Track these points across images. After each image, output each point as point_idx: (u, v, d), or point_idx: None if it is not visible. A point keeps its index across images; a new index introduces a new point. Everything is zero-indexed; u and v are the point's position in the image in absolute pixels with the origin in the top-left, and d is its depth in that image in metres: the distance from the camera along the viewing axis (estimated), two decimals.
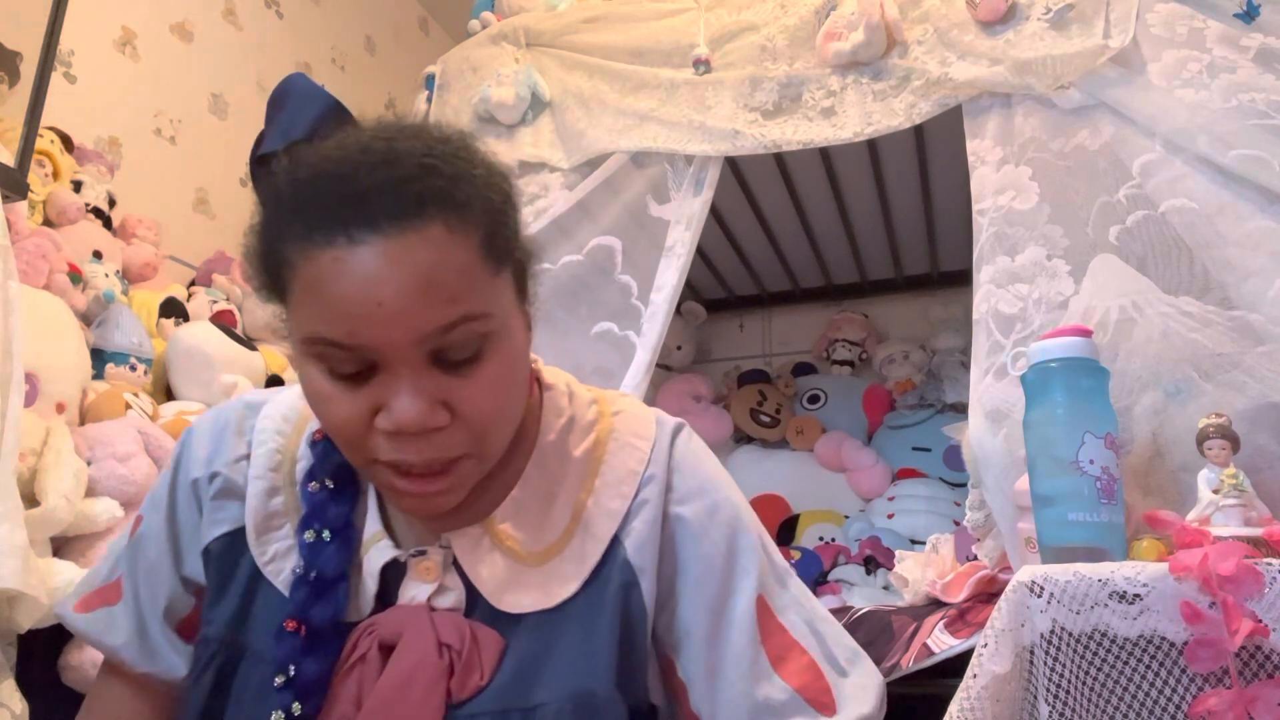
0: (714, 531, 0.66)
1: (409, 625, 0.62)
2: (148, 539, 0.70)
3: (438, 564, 0.64)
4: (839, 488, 2.35)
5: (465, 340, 0.56)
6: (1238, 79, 1.24)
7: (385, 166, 0.55)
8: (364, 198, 0.54)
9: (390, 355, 0.55)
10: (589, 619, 0.63)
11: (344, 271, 0.53)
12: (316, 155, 0.57)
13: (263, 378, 1.74)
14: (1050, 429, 1.05)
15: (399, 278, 0.53)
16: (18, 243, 1.35)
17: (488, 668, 0.61)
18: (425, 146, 0.57)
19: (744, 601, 0.65)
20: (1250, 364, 1.10)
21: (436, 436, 0.57)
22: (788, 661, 0.64)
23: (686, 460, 0.69)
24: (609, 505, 0.66)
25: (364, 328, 0.54)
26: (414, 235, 0.54)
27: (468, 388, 0.57)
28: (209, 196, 2.04)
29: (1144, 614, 0.87)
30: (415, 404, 0.55)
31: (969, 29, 1.46)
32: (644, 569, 0.64)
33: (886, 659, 1.26)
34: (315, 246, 0.54)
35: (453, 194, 0.55)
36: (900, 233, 2.38)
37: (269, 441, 0.70)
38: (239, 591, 0.66)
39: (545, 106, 1.81)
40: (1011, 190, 1.35)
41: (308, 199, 0.55)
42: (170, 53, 1.98)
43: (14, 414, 1.09)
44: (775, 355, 2.87)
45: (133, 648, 0.67)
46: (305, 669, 0.60)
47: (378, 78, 2.71)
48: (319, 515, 0.65)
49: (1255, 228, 1.17)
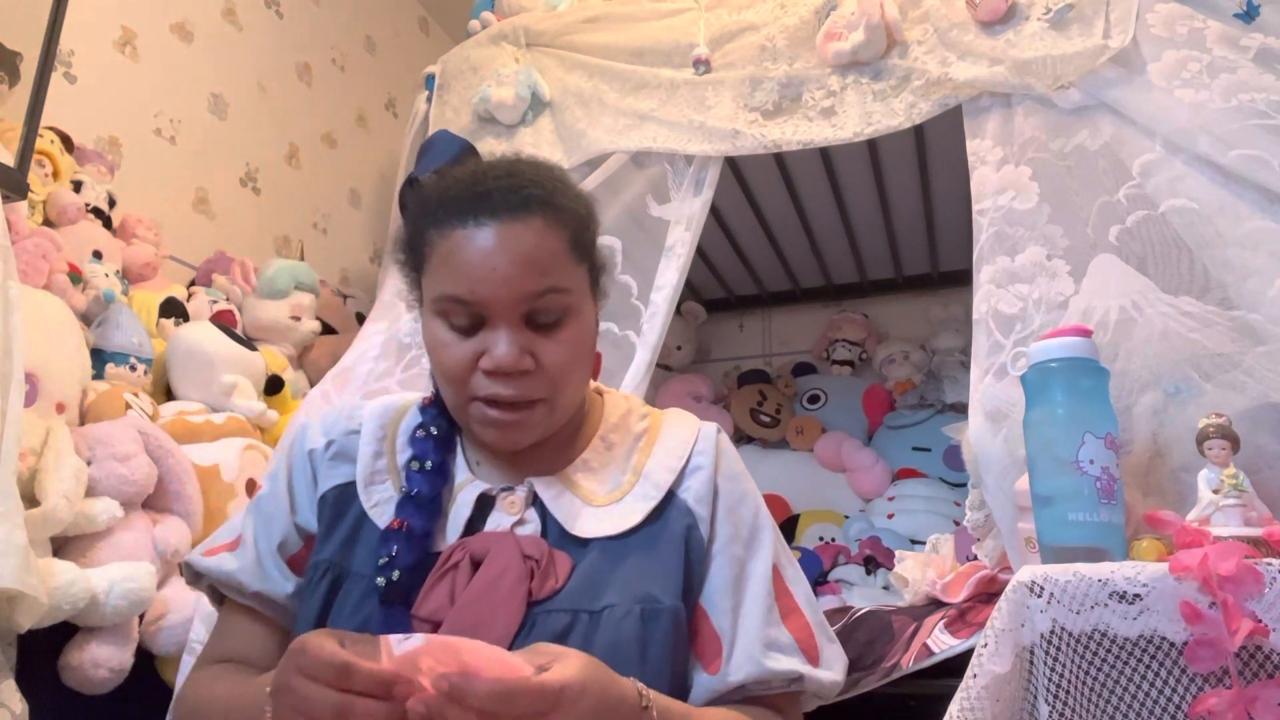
0: (743, 510, 0.84)
1: (497, 542, 0.77)
2: (266, 499, 0.87)
3: (521, 499, 0.81)
4: (839, 488, 2.35)
5: (551, 307, 0.76)
6: (1238, 79, 1.24)
7: (505, 176, 0.77)
8: (488, 194, 0.76)
9: (496, 311, 0.75)
10: (652, 545, 0.78)
11: (470, 245, 0.75)
12: (458, 170, 0.80)
13: (263, 378, 1.74)
14: (1050, 429, 1.05)
15: (508, 252, 0.74)
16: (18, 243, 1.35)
17: (561, 576, 0.75)
18: (533, 168, 0.80)
19: (762, 565, 0.81)
20: (1250, 364, 1.10)
21: (523, 379, 0.76)
22: (791, 618, 0.80)
23: (728, 451, 0.87)
24: (666, 463, 0.84)
25: (480, 286, 0.74)
26: (521, 224, 0.75)
27: (550, 344, 0.77)
28: (209, 196, 2.04)
29: (1144, 614, 0.87)
30: (511, 349, 0.74)
31: (969, 29, 1.46)
32: (703, 516, 0.81)
33: (886, 659, 1.26)
34: (449, 227, 0.76)
35: (551, 200, 0.77)
36: (900, 233, 2.38)
37: (376, 419, 0.88)
38: (348, 527, 0.81)
39: (545, 106, 1.81)
40: (1011, 190, 1.36)
41: (447, 196, 0.78)
42: (170, 53, 1.98)
43: (14, 414, 1.09)
44: (775, 355, 2.87)
45: (248, 570, 0.82)
46: (403, 552, 0.75)
47: (378, 78, 2.71)
48: (424, 454, 0.82)
49: (1255, 228, 1.17)
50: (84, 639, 1.18)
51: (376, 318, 1.81)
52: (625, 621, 0.72)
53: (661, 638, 0.73)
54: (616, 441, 0.86)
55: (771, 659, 0.76)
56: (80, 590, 1.12)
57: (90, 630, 1.18)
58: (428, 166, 0.84)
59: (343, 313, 2.22)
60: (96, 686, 1.18)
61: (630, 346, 1.59)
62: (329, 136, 2.47)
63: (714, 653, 0.77)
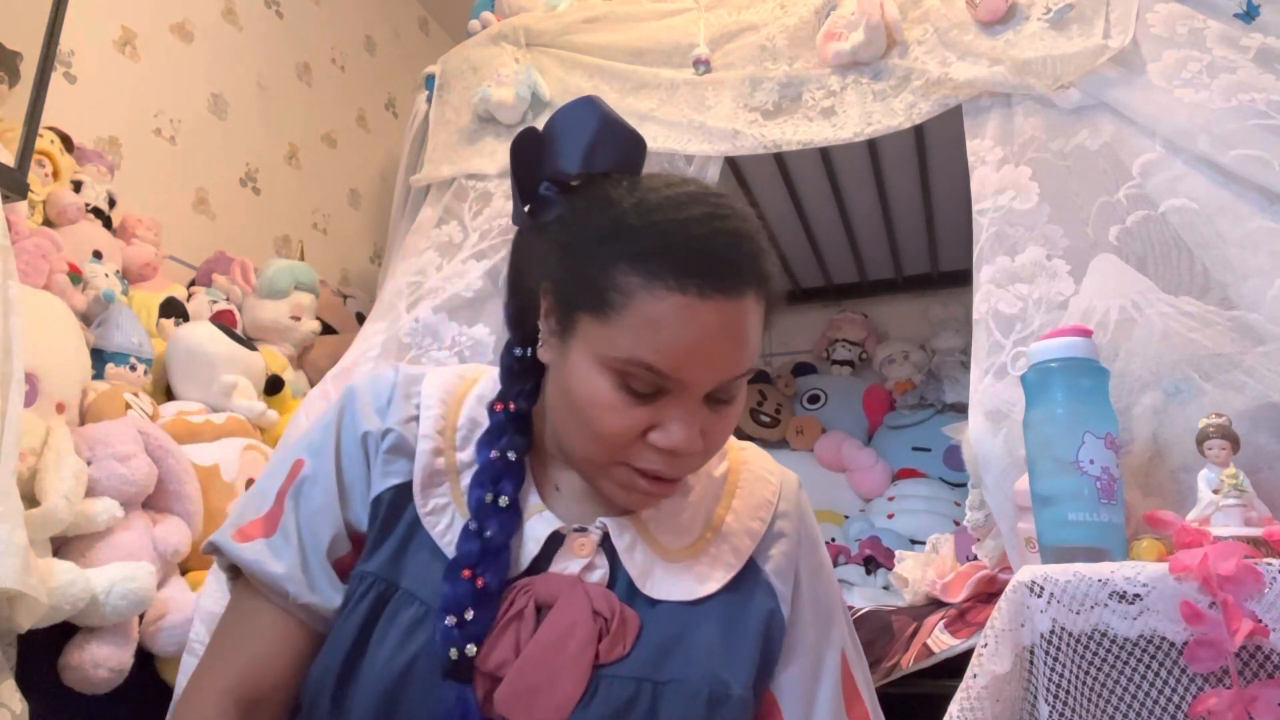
0: (821, 589, 0.79)
1: (565, 590, 0.70)
2: (313, 482, 0.75)
3: (593, 542, 0.73)
4: (839, 488, 2.35)
5: (739, 386, 0.70)
6: (1238, 79, 1.24)
7: (734, 236, 0.66)
8: (718, 262, 0.65)
9: (690, 389, 0.66)
10: (730, 620, 0.73)
11: (690, 320, 0.64)
12: (664, 200, 0.67)
13: (263, 378, 1.74)
14: (1050, 429, 1.05)
15: (730, 337, 0.66)
16: (18, 243, 1.35)
17: (630, 640, 0.70)
18: (744, 218, 0.69)
19: (835, 655, 0.77)
20: (1250, 364, 1.10)
21: (690, 458, 0.69)
22: (854, 708, 0.76)
23: (809, 515, 0.82)
24: (748, 525, 0.78)
25: (690, 366, 0.65)
26: (743, 303, 0.66)
27: (718, 422, 0.69)
28: (209, 196, 2.03)
29: (1144, 614, 0.87)
30: (690, 431, 0.67)
31: (969, 29, 1.46)
32: (785, 596, 0.76)
33: (886, 659, 1.26)
34: (665, 288, 0.64)
35: (766, 270, 0.68)
36: (900, 233, 2.38)
37: (434, 408, 0.77)
38: (399, 535, 0.73)
39: (545, 106, 1.81)
40: (1011, 190, 1.36)
41: (665, 244, 0.65)
42: (170, 53, 1.98)
43: (14, 414, 1.09)
44: (775, 355, 2.86)
45: (296, 579, 0.71)
46: (478, 616, 0.68)
47: (378, 78, 2.70)
48: (496, 481, 0.73)
49: (1255, 228, 1.17)
50: (84, 639, 1.18)
51: (376, 318, 1.81)
52: (693, 704, 0.68)
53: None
54: (694, 485, 0.79)
55: None
56: (80, 590, 1.12)
57: (90, 630, 1.18)
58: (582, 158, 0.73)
59: (343, 313, 2.22)
60: (96, 686, 1.18)
61: None
62: (329, 136, 2.47)
63: None
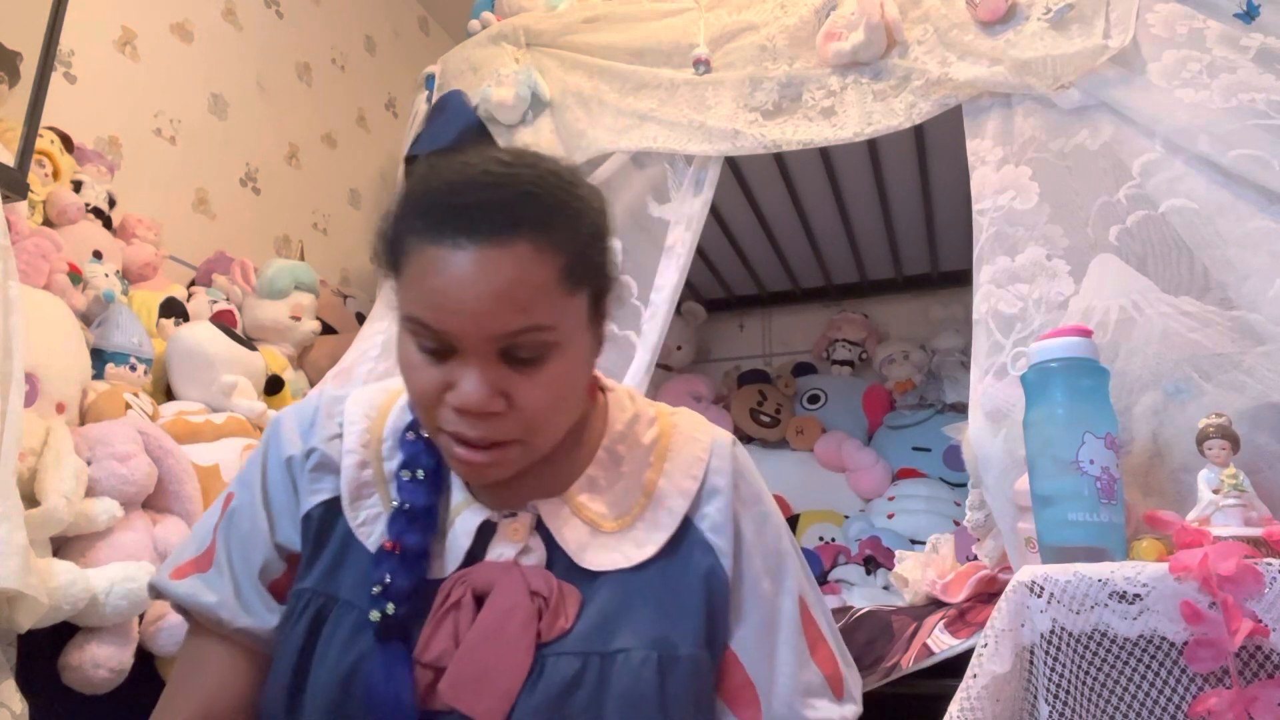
0: (767, 537, 0.78)
1: (501, 576, 0.71)
2: (241, 512, 0.78)
3: (525, 526, 0.73)
4: (839, 488, 2.35)
5: (530, 345, 0.66)
6: (1238, 79, 1.24)
7: (494, 188, 0.65)
8: (470, 211, 0.64)
9: (465, 344, 0.65)
10: (669, 583, 0.73)
11: (443, 269, 0.64)
12: (447, 166, 0.68)
13: (263, 378, 1.74)
14: (1050, 429, 1.05)
15: (483, 283, 0.63)
16: (18, 243, 1.35)
17: (571, 615, 0.70)
18: (534, 175, 0.67)
19: (791, 600, 0.76)
20: (1250, 364, 1.10)
21: (492, 420, 0.67)
22: (818, 650, 0.76)
23: (747, 469, 0.80)
24: (681, 484, 0.77)
25: (449, 318, 0.64)
26: (504, 250, 0.64)
27: (526, 384, 0.67)
28: (209, 196, 2.03)
29: (1144, 614, 0.87)
30: (478, 389, 0.65)
31: (969, 29, 1.46)
32: (724, 551, 0.75)
33: (886, 659, 1.26)
34: (427, 242, 0.65)
35: (544, 221, 0.65)
36: (900, 233, 2.38)
37: (358, 423, 0.79)
38: (333, 550, 0.75)
39: (545, 106, 1.81)
40: (1011, 190, 1.36)
41: (430, 203, 0.66)
42: (170, 53, 1.98)
43: (14, 414, 1.09)
44: (775, 355, 2.87)
45: (229, 605, 0.74)
46: (399, 579, 0.69)
47: (378, 78, 2.70)
48: (415, 460, 0.75)
49: (1255, 228, 1.17)
50: (84, 639, 1.18)
51: (376, 318, 1.81)
52: (643, 670, 0.68)
53: (682, 688, 0.69)
54: (624, 454, 0.78)
55: (809, 708, 0.73)
56: (80, 590, 1.12)
57: (90, 630, 1.18)
58: (432, 139, 0.75)
59: (343, 313, 2.22)
60: (96, 686, 1.18)
61: (630, 346, 1.59)
62: (329, 136, 2.47)
63: (748, 701, 0.73)
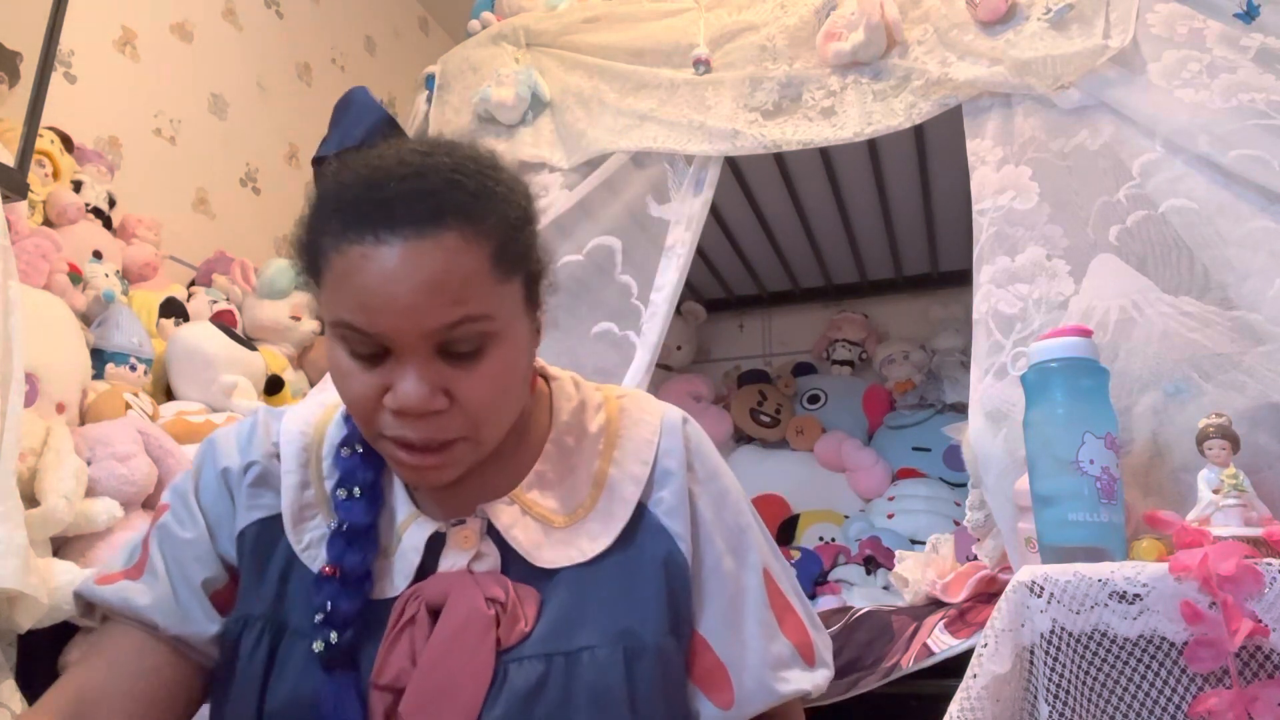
0: (725, 515, 0.76)
1: (454, 586, 0.68)
2: (178, 521, 0.74)
3: (476, 532, 0.71)
4: (839, 488, 2.35)
5: (467, 337, 0.63)
6: (1238, 79, 1.24)
7: (415, 178, 0.62)
8: (391, 204, 0.61)
9: (400, 343, 0.62)
10: (628, 573, 0.70)
11: (368, 267, 0.61)
12: (360, 162, 0.65)
13: (263, 378, 1.74)
14: (1050, 429, 1.05)
15: (413, 277, 0.60)
16: (18, 243, 1.35)
17: (530, 617, 0.68)
18: (454, 163, 0.64)
19: (755, 575, 0.75)
20: (1250, 364, 1.10)
21: (435, 419, 0.64)
22: (786, 620, 0.75)
23: (701, 445, 0.78)
24: (632, 471, 0.74)
25: (379, 318, 0.61)
26: (430, 241, 0.61)
27: (467, 378, 0.64)
28: (209, 196, 2.04)
29: (1144, 614, 0.87)
30: (418, 388, 0.62)
31: (969, 29, 1.46)
32: (681, 535, 0.72)
33: (886, 659, 1.26)
34: (347, 242, 0.62)
35: (470, 208, 0.63)
36: (900, 233, 2.38)
37: (295, 440, 0.76)
38: (276, 574, 0.71)
39: (545, 106, 1.80)
40: (1011, 190, 1.35)
41: (346, 200, 0.63)
42: (170, 53, 1.98)
43: (14, 414, 1.09)
44: (775, 355, 2.86)
45: (165, 610, 0.70)
46: (340, 605, 0.66)
47: (378, 78, 2.70)
48: (351, 477, 0.72)
49: (1255, 228, 1.17)
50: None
51: None
52: (609, 665, 0.66)
53: (650, 679, 0.67)
54: (573, 445, 0.76)
55: (781, 681, 0.72)
56: None
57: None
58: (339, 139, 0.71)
59: None
60: None
61: (630, 346, 1.59)
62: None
63: (721, 682, 0.72)
